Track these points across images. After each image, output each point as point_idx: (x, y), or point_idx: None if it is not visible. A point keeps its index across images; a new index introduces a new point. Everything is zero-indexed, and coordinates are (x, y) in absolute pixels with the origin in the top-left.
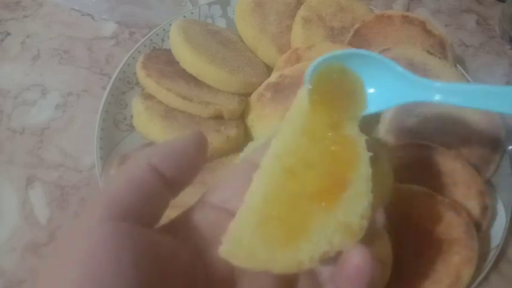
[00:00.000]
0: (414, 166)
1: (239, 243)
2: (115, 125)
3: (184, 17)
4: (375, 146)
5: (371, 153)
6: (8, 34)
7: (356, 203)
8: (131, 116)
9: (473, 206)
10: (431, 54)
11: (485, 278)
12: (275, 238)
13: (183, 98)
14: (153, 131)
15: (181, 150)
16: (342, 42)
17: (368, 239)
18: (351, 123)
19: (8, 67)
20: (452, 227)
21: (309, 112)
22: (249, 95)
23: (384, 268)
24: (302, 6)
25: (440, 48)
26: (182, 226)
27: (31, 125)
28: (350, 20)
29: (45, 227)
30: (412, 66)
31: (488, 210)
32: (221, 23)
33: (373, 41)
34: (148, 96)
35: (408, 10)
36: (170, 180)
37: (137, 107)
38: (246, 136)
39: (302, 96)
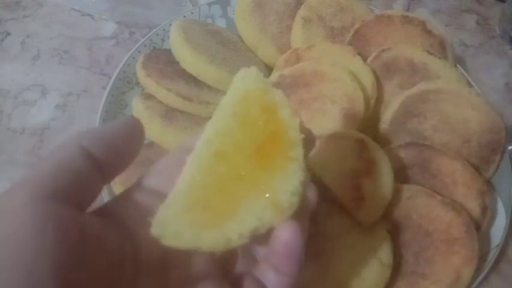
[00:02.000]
0: (414, 166)
1: (166, 225)
2: None
3: (184, 17)
4: (307, 129)
5: (303, 135)
6: (8, 34)
7: (286, 182)
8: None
9: (473, 206)
10: (431, 54)
11: (485, 278)
12: (201, 219)
13: (183, 98)
14: (153, 131)
15: (113, 133)
16: (342, 42)
17: (300, 216)
18: (284, 105)
19: (8, 67)
20: (452, 227)
21: (242, 96)
22: None
23: (384, 268)
24: (302, 6)
25: (440, 48)
26: (113, 208)
27: (31, 125)
28: (350, 20)
29: None
30: (412, 66)
31: (488, 210)
32: (221, 23)
33: (373, 41)
34: (148, 96)
35: (408, 10)
36: (102, 164)
37: (137, 107)
38: None
39: (236, 80)
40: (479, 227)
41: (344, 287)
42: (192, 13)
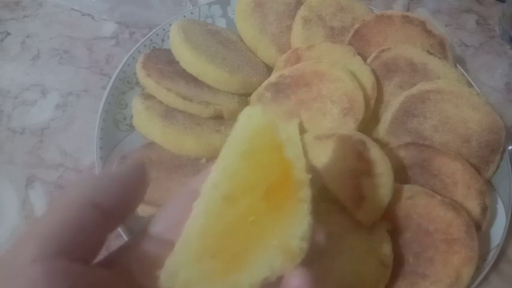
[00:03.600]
0: (414, 166)
1: (176, 277)
2: (115, 125)
3: (184, 17)
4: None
5: (310, 176)
6: (8, 34)
7: (295, 226)
8: (131, 116)
9: (473, 206)
10: (431, 54)
11: (485, 278)
12: (213, 269)
13: (183, 98)
14: (153, 131)
15: (119, 182)
16: (342, 42)
17: (310, 260)
18: (292, 144)
19: (8, 67)
20: (452, 227)
21: (249, 135)
22: (249, 95)
23: (384, 268)
24: (302, 6)
25: (440, 48)
26: (121, 259)
27: (31, 125)
28: (350, 20)
29: None
30: (412, 66)
31: (488, 210)
32: (221, 23)
33: (373, 41)
34: (148, 96)
35: (408, 10)
36: (109, 213)
37: (137, 107)
38: None
39: (242, 119)
40: (479, 227)
41: (343, 287)
42: (191, 13)
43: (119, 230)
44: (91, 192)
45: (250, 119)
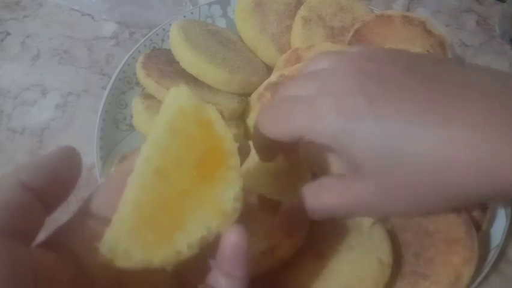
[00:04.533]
0: None
1: (115, 247)
2: (115, 125)
3: (184, 17)
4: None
5: (237, 144)
6: (8, 34)
7: (228, 190)
8: (131, 116)
9: (473, 206)
10: (431, 54)
11: (485, 278)
12: (150, 237)
13: None
14: None
15: (49, 164)
16: (342, 42)
17: (245, 220)
18: (217, 119)
19: (8, 67)
20: (452, 227)
21: (176, 113)
22: (249, 95)
23: (384, 268)
24: (302, 6)
25: (440, 48)
26: (61, 239)
27: (31, 125)
28: (350, 20)
29: (45, 227)
30: None
31: (488, 210)
32: (221, 23)
33: (373, 41)
34: (148, 96)
35: (408, 10)
36: (43, 195)
37: (137, 107)
38: (246, 136)
39: (169, 99)
40: (479, 227)
41: (343, 287)
42: (191, 13)
43: None
44: (20, 174)
45: (178, 97)
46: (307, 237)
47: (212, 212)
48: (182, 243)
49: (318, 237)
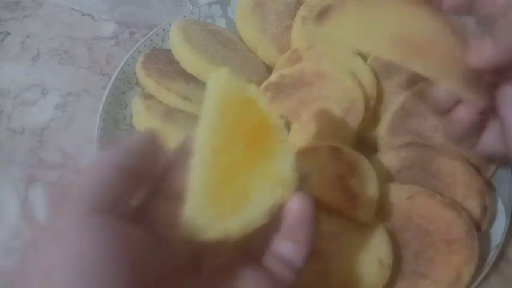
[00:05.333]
0: (414, 166)
1: (194, 222)
2: (115, 125)
3: (184, 17)
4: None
5: (283, 120)
6: (8, 34)
7: (283, 161)
8: (131, 116)
9: (473, 206)
10: None
11: (485, 278)
12: (224, 209)
13: (183, 98)
14: None
15: (138, 147)
16: None
17: (300, 187)
18: (260, 97)
19: (8, 67)
20: (452, 227)
21: (222, 95)
22: None
23: (384, 268)
24: (302, 6)
25: None
26: (143, 217)
27: (31, 125)
28: None
29: None
30: None
31: (488, 210)
32: (221, 23)
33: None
34: (148, 96)
35: None
36: (133, 176)
37: (137, 107)
38: None
39: (213, 82)
40: (479, 227)
41: (343, 287)
42: (191, 13)
43: None
44: (116, 156)
45: (220, 80)
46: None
47: (274, 182)
48: (254, 213)
49: (318, 237)
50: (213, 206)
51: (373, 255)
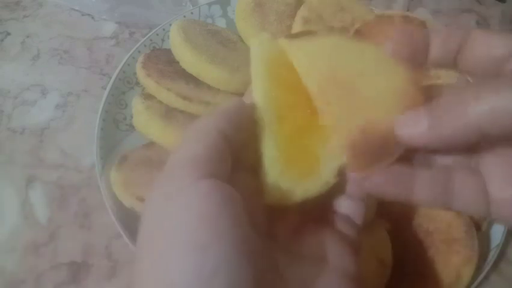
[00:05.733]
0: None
1: (277, 189)
2: (115, 125)
3: (184, 17)
4: None
5: None
6: (8, 34)
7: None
8: (131, 116)
9: None
10: None
11: (485, 278)
12: (300, 173)
13: (183, 98)
14: (153, 131)
15: (236, 115)
16: None
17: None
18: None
19: (8, 67)
20: (452, 227)
21: (269, 60)
22: None
23: (384, 268)
24: (302, 6)
25: None
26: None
27: (31, 125)
28: (350, 20)
29: (45, 227)
30: None
31: None
32: (221, 23)
33: (373, 41)
34: (148, 96)
35: (408, 10)
36: (231, 143)
37: (137, 107)
38: None
39: (255, 50)
40: (479, 227)
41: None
42: (191, 13)
43: (120, 230)
44: (219, 123)
45: (263, 46)
46: None
47: (338, 145)
48: (328, 174)
49: None
50: (291, 170)
51: (373, 255)
